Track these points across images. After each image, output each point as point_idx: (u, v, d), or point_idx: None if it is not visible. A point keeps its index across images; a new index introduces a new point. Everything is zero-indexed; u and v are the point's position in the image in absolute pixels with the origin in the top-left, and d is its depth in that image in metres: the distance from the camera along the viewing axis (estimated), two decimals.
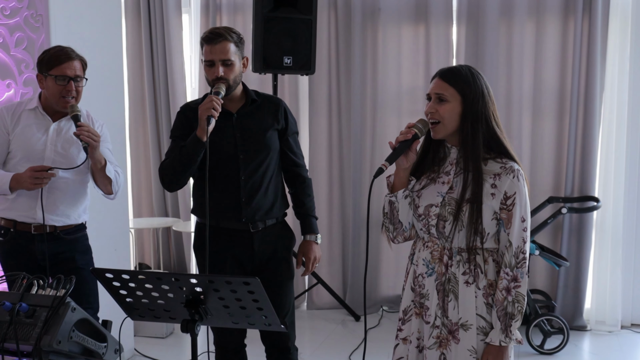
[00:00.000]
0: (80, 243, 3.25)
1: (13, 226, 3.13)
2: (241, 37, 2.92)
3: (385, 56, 5.13)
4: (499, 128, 2.28)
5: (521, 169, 2.26)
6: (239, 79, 2.91)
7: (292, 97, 5.34)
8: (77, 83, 3.10)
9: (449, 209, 2.24)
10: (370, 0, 5.10)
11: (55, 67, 3.04)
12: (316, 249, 3.10)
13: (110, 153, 3.22)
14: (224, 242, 2.96)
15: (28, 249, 3.13)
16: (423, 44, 5.10)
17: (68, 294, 2.17)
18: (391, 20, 5.10)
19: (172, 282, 2.07)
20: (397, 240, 2.39)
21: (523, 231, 2.22)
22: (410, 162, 2.29)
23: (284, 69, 4.68)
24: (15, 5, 3.65)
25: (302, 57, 4.68)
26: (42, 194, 3.04)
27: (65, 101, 3.07)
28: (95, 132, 2.98)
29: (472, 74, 2.27)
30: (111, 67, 4.14)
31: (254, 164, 2.93)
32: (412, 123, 2.29)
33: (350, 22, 5.13)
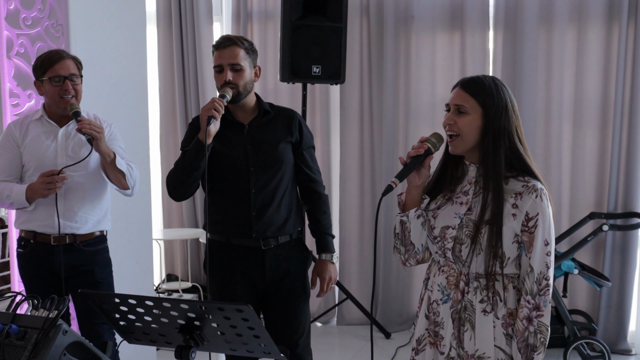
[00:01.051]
0: (101, 256, 3.20)
1: (33, 237, 3.10)
2: (253, 45, 2.83)
3: (419, 65, 4.96)
4: (522, 145, 2.10)
5: (545, 188, 2.08)
6: (249, 87, 2.80)
7: (323, 107, 5.21)
8: (74, 82, 3.03)
9: (467, 232, 2.07)
10: (403, 7, 4.94)
11: (49, 70, 3.01)
12: (332, 269, 2.95)
13: (123, 151, 3.16)
14: (235, 260, 2.84)
15: (47, 260, 3.09)
16: (458, 52, 4.92)
17: (60, 316, 2.07)
18: (425, 28, 4.93)
19: (163, 307, 1.95)
20: (409, 263, 2.23)
21: (546, 255, 2.04)
22: (423, 179, 2.13)
23: (313, 79, 4.56)
24: (37, 15, 3.60)
25: (331, 66, 4.55)
26: (57, 200, 2.99)
27: (65, 101, 3.03)
28: (98, 124, 2.91)
29: (496, 85, 2.10)
30: (135, 76, 4.08)
31: (265, 177, 2.81)
32: (425, 137, 2.14)
33: (382, 30, 4.98)
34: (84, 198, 3.09)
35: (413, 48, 4.96)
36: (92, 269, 3.13)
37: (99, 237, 3.19)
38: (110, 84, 3.85)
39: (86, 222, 3.11)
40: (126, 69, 3.99)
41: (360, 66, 5.08)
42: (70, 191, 3.06)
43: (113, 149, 3.08)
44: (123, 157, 3.09)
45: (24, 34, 3.63)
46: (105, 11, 3.81)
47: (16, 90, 3.67)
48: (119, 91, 3.94)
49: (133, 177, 3.07)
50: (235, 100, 2.76)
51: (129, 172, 3.05)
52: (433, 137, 2.13)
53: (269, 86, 5.29)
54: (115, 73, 3.91)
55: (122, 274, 4.01)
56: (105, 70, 3.82)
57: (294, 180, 2.92)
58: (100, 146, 2.91)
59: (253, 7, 5.29)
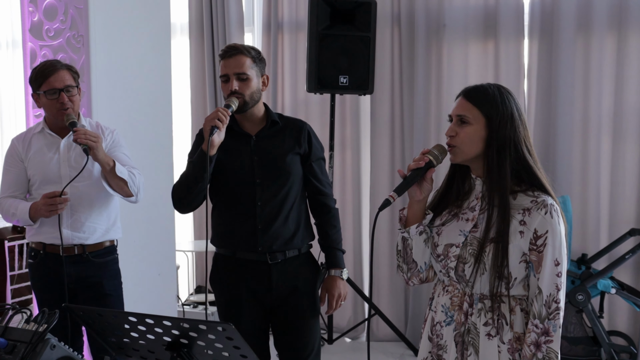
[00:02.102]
0: (110, 267, 3.16)
1: (43, 248, 3.09)
2: (260, 54, 2.76)
3: (451, 75, 4.82)
4: (531, 156, 1.97)
5: (556, 203, 1.94)
6: (256, 97, 2.72)
7: (353, 118, 5.12)
8: (69, 93, 2.99)
9: (471, 250, 1.95)
10: (435, 16, 4.81)
11: (44, 83, 2.97)
12: (341, 285, 2.84)
13: (128, 158, 3.11)
14: (240, 274, 2.76)
15: (56, 271, 3.06)
16: (492, 62, 4.76)
17: (48, 330, 2.02)
18: (457, 37, 4.79)
19: (147, 323, 1.88)
20: (412, 282, 2.11)
21: (557, 276, 1.90)
22: (425, 193, 2.02)
23: (340, 89, 4.47)
24: (59, 27, 3.62)
25: (359, 76, 4.46)
26: (64, 211, 2.98)
27: (63, 113, 2.98)
28: (94, 134, 2.88)
29: (501, 93, 1.98)
30: (159, 87, 4.07)
31: (272, 189, 2.73)
32: (427, 149, 2.02)
33: (413, 39, 4.86)
34: (91, 207, 3.06)
35: (445, 58, 4.82)
36: (101, 281, 3.10)
37: (108, 247, 3.15)
38: (132, 94, 3.84)
39: (94, 231, 3.08)
40: (150, 79, 3.98)
41: (391, 76, 4.97)
42: (77, 201, 3.03)
43: (115, 155, 3.04)
44: (126, 163, 3.05)
45: (47, 45, 3.65)
46: (128, 22, 3.81)
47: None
48: (142, 102, 3.93)
49: (136, 184, 3.02)
50: (242, 110, 2.69)
51: (131, 179, 2.99)
52: (435, 149, 2.02)
53: (300, 97, 5.22)
54: (138, 83, 3.90)
55: (144, 285, 3.99)
56: (127, 81, 3.81)
57: (302, 193, 2.83)
58: (98, 155, 2.87)
59: (284, 17, 5.23)
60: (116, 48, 3.71)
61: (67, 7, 3.57)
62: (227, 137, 2.74)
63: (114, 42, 3.71)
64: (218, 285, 2.83)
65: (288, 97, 5.27)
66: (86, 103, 3.53)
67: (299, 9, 5.15)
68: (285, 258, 2.76)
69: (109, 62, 3.64)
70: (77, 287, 3.10)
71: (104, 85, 3.59)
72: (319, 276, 2.89)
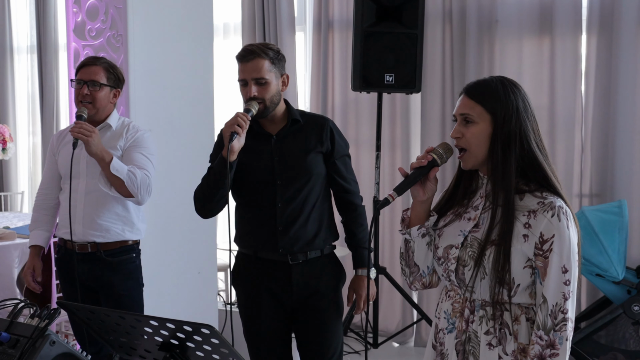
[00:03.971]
0: (123, 267, 3.13)
1: (63, 244, 3.14)
2: (279, 54, 2.67)
3: (503, 72, 4.62)
4: (540, 151, 1.84)
5: (566, 205, 1.80)
6: (276, 99, 2.65)
7: (403, 117, 5.00)
8: (93, 88, 3.02)
9: (470, 252, 1.83)
10: (487, 11, 4.65)
11: (77, 73, 3.06)
12: (369, 285, 2.75)
13: (145, 159, 3.07)
14: (261, 274, 2.72)
15: (73, 267, 3.08)
16: (547, 59, 4.55)
17: (49, 326, 2.03)
18: (510, 33, 4.61)
19: (137, 322, 1.85)
20: (415, 287, 2.01)
21: (564, 285, 1.77)
22: (428, 194, 1.91)
23: (386, 87, 4.38)
24: (100, 27, 3.69)
25: (406, 74, 4.35)
26: (77, 207, 3.03)
27: (83, 106, 3.03)
28: (89, 127, 2.88)
29: (504, 85, 1.87)
30: (200, 87, 4.07)
31: (293, 189, 2.66)
32: (431, 147, 1.92)
33: (464, 36, 4.71)
34: (104, 205, 3.06)
35: (497, 55, 4.65)
36: (112, 280, 3.08)
37: (124, 247, 3.12)
38: (172, 94, 3.86)
39: (108, 230, 3.07)
40: (191, 79, 4.00)
41: (442, 74, 4.83)
42: (90, 198, 3.06)
43: (130, 154, 3.04)
44: (138, 163, 3.02)
45: (89, 45, 3.72)
46: (168, 22, 3.83)
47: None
48: (182, 102, 3.95)
49: (136, 184, 2.96)
50: (263, 115, 2.63)
51: (129, 178, 2.94)
52: (440, 148, 1.91)
53: (350, 96, 5.14)
54: (179, 83, 3.92)
55: (184, 284, 4.02)
56: (167, 81, 3.84)
57: (325, 193, 2.76)
58: (91, 149, 2.87)
59: (334, 15, 5.17)
60: (156, 48, 3.74)
61: (107, 7, 3.63)
62: (248, 137, 2.69)
63: (154, 42, 3.74)
64: (239, 284, 2.79)
65: (338, 96, 5.21)
66: (124, 102, 3.58)
67: (349, 7, 5.07)
68: (307, 259, 2.70)
69: (148, 61, 3.68)
70: (94, 286, 3.13)
71: (142, 84, 3.63)
72: (342, 278, 2.81)
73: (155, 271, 3.61)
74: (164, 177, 3.56)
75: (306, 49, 5.50)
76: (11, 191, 6.82)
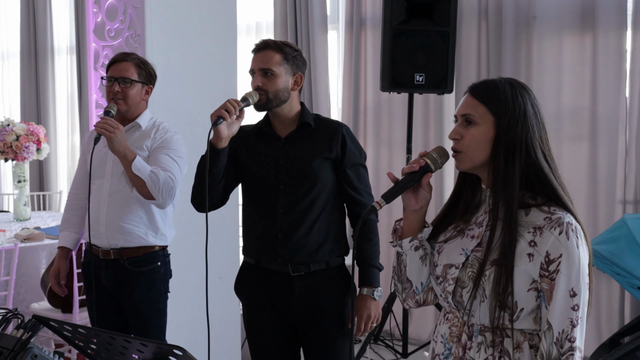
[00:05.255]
0: (144, 278, 3.03)
1: (90, 248, 3.06)
2: (298, 53, 2.53)
3: (542, 71, 4.41)
4: (546, 162, 1.66)
5: (576, 221, 1.62)
6: (282, 96, 2.50)
7: (437, 118, 4.82)
8: (124, 85, 2.95)
9: (470, 272, 1.67)
10: (525, 7, 4.43)
11: (108, 70, 2.99)
12: (372, 306, 2.57)
13: (170, 159, 2.96)
14: (262, 285, 2.60)
15: (97, 273, 3.04)
16: (589, 56, 4.31)
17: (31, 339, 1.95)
18: (549, 29, 4.38)
19: (113, 340, 1.75)
20: (407, 304, 1.85)
21: (572, 310, 1.59)
22: (421, 202, 1.75)
23: (415, 88, 4.20)
24: (119, 27, 3.62)
25: (436, 74, 4.17)
26: (100, 209, 2.97)
27: (114, 103, 2.95)
28: (113, 124, 2.78)
29: (513, 87, 1.69)
30: (222, 88, 3.96)
31: (295, 196, 2.52)
32: (425, 151, 1.76)
33: (500, 33, 4.49)
34: (128, 207, 2.97)
35: (535, 53, 4.42)
36: (134, 290, 3.01)
37: (149, 254, 3.03)
38: (192, 94, 3.77)
39: (130, 233, 2.98)
40: (213, 80, 3.90)
41: (478, 73, 4.63)
42: (113, 199, 2.98)
43: (156, 155, 2.95)
44: (164, 165, 2.91)
45: (108, 46, 3.66)
46: (189, 22, 3.74)
47: (101, 101, 3.72)
48: (203, 103, 3.84)
49: (157, 186, 2.85)
50: (264, 108, 2.51)
51: (152, 179, 2.84)
52: (434, 152, 1.75)
53: (383, 96, 4.99)
54: (200, 84, 3.83)
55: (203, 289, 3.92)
56: (187, 81, 3.75)
57: (334, 202, 2.59)
58: (113, 145, 2.78)
59: (367, 14, 5.03)
60: (175, 48, 3.66)
61: (126, 7, 3.56)
62: (256, 138, 2.61)
63: (173, 42, 3.65)
64: (241, 294, 2.69)
65: (370, 96, 5.06)
66: None
67: (381, 4, 4.91)
68: (310, 271, 2.55)
69: (166, 62, 3.60)
70: (118, 294, 3.05)
71: (160, 85, 3.54)
72: (349, 293, 2.63)
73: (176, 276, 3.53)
74: (185, 180, 3.47)
75: (339, 48, 5.36)
76: (51, 190, 6.88)
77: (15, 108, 7.20)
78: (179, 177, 2.98)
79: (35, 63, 6.92)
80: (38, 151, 5.25)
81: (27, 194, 5.30)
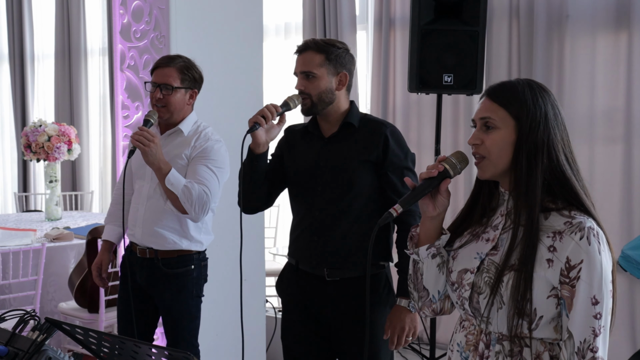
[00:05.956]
0: (176, 280, 3.01)
1: (130, 245, 3.08)
2: (340, 50, 2.45)
3: (574, 71, 4.30)
4: (569, 165, 1.60)
5: (598, 226, 1.56)
6: (327, 97, 2.43)
7: (466, 120, 4.74)
8: (166, 92, 2.91)
9: (486, 278, 1.61)
10: (557, 6, 4.32)
11: (152, 74, 2.97)
12: (407, 318, 2.42)
13: (208, 171, 2.91)
14: (299, 287, 2.54)
15: (132, 270, 3.05)
16: (624, 56, 4.19)
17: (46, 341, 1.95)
18: (582, 29, 4.27)
19: (123, 344, 1.74)
20: (424, 313, 1.80)
21: (594, 319, 1.52)
22: (439, 209, 1.70)
23: (444, 88, 4.13)
24: (145, 28, 3.63)
25: (465, 74, 4.09)
26: (138, 211, 2.98)
27: (157, 110, 2.93)
28: (148, 136, 2.74)
29: (532, 89, 1.63)
30: (249, 90, 3.94)
31: (331, 198, 2.44)
32: (444, 156, 1.71)
33: (532, 33, 4.40)
34: (163, 213, 2.96)
35: (567, 52, 4.32)
36: (165, 290, 3.00)
37: (184, 256, 3.01)
38: (218, 96, 3.75)
39: (164, 238, 2.97)
40: (238, 81, 3.88)
41: (508, 74, 4.54)
42: (151, 203, 2.98)
43: (196, 166, 2.90)
44: (201, 177, 2.87)
45: (134, 47, 3.67)
46: (214, 23, 3.73)
47: (127, 102, 3.72)
48: (229, 105, 3.83)
49: (191, 201, 2.82)
50: (311, 112, 2.45)
51: (185, 194, 2.81)
52: (453, 157, 1.69)
53: (412, 97, 4.93)
54: (225, 85, 3.81)
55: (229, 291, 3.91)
56: (212, 83, 3.73)
57: (375, 207, 2.47)
58: (148, 158, 2.76)
59: (396, 13, 4.97)
60: (200, 49, 3.63)
61: (151, 8, 3.56)
62: (301, 138, 2.56)
63: (198, 43, 3.64)
64: (280, 293, 2.65)
65: (400, 97, 5.00)
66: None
67: None
68: (346, 277, 2.47)
69: None
70: (152, 293, 3.05)
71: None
72: (388, 304, 2.52)
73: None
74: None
75: (368, 48, 5.31)
76: (83, 190, 6.96)
77: (49, 109, 7.30)
78: (215, 190, 2.93)
79: (69, 64, 7.00)
80: (69, 152, 5.31)
81: (59, 194, 5.36)
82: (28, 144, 5.22)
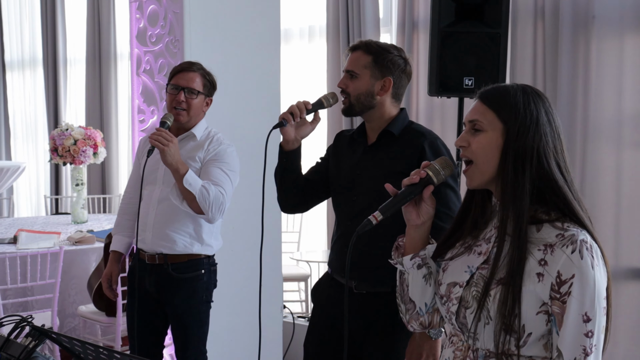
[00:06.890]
0: (186, 285, 3.01)
1: (137, 252, 3.09)
2: (392, 55, 2.37)
3: (601, 74, 4.16)
4: (561, 174, 1.53)
5: (592, 239, 1.48)
6: (365, 100, 2.36)
7: None
8: (189, 95, 2.93)
9: (474, 292, 1.55)
10: (583, 6, 4.19)
11: (173, 77, 2.98)
12: (426, 345, 2.27)
13: (222, 173, 2.92)
14: (329, 296, 2.49)
15: (141, 277, 3.05)
16: None
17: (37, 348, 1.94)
18: (609, 30, 4.13)
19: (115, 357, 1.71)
20: (412, 326, 1.74)
21: (585, 337, 1.44)
22: (424, 217, 1.64)
23: (464, 92, 4.03)
24: (160, 32, 3.63)
25: (487, 77, 3.97)
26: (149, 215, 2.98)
27: (177, 113, 2.93)
28: (167, 136, 2.75)
29: (525, 93, 1.57)
30: (265, 94, 3.92)
31: (362, 209, 2.32)
32: (428, 162, 1.64)
33: (557, 35, 4.28)
34: (175, 216, 2.95)
35: (594, 55, 4.18)
36: (175, 296, 3.00)
37: (194, 261, 3.01)
38: (234, 101, 3.73)
39: (175, 242, 2.97)
40: (255, 86, 3.86)
41: (533, 77, 4.42)
42: (162, 207, 2.98)
43: (208, 168, 2.92)
44: (216, 179, 2.88)
45: (150, 51, 3.68)
46: (229, 27, 3.72)
47: (142, 106, 3.73)
48: (246, 110, 3.81)
49: (208, 202, 2.82)
50: (349, 112, 2.40)
51: (202, 194, 2.81)
52: (437, 163, 1.63)
53: (436, 101, 4.84)
54: (241, 90, 3.79)
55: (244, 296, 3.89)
56: (228, 88, 3.72)
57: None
58: (166, 158, 2.76)
59: (419, 16, 4.89)
60: (215, 53, 3.63)
61: (166, 12, 3.56)
62: (347, 144, 2.52)
63: (213, 47, 3.63)
64: (313, 300, 2.61)
65: (423, 100, 4.93)
66: None
67: None
68: (373, 291, 2.38)
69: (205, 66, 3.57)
70: (161, 299, 3.05)
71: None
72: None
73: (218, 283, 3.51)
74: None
75: None
76: (112, 193, 7.03)
77: (80, 112, 7.39)
78: (230, 192, 2.94)
79: (99, 69, 7.09)
80: (95, 155, 5.36)
81: (85, 197, 5.42)
82: (55, 147, 5.29)
